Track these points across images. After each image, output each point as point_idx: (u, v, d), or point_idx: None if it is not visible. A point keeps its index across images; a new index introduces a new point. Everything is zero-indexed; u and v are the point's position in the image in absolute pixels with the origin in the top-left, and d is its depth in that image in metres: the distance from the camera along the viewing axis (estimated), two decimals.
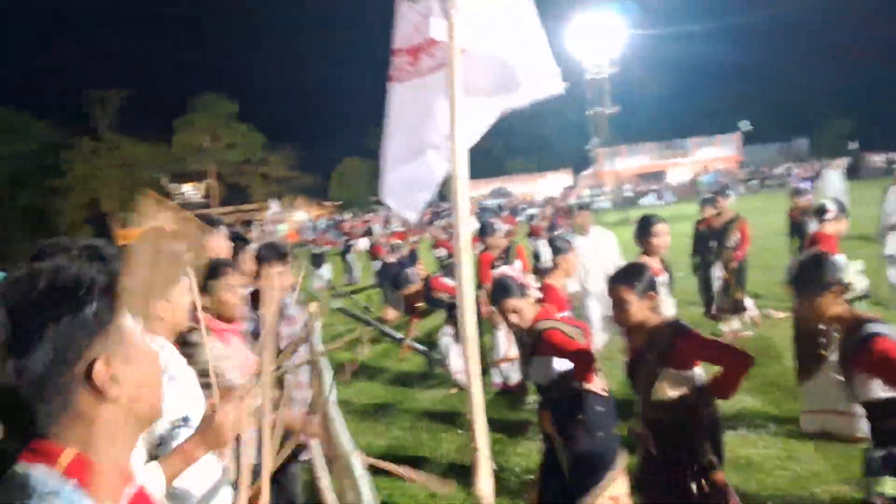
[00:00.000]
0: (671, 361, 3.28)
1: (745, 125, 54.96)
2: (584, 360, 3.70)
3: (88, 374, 1.07)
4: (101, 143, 59.62)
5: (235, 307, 3.42)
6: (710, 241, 8.76)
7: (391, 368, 9.33)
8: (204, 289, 3.30)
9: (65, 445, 1.06)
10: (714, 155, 58.33)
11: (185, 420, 2.44)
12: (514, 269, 4.23)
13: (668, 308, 5.03)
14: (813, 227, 7.32)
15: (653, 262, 4.91)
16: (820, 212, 6.85)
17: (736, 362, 3.19)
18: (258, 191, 66.83)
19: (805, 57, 70.71)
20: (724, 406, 4.36)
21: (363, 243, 20.80)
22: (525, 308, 3.79)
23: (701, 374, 3.36)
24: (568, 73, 37.56)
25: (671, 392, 3.28)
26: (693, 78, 68.81)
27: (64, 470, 1.04)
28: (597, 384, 3.78)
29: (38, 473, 1.04)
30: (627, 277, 3.43)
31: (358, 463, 2.57)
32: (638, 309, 3.37)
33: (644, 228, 5.28)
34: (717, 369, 3.26)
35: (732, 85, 70.73)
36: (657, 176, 56.29)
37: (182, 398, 2.49)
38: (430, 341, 9.16)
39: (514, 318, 3.82)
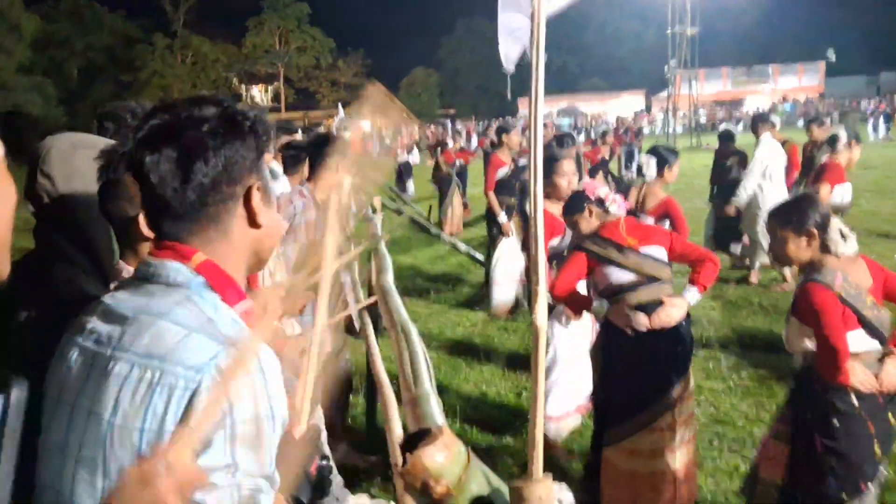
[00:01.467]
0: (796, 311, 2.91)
1: (830, 54, 52.37)
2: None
3: (247, 197, 1.18)
4: (174, 39, 60.25)
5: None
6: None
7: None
8: None
9: (198, 251, 1.17)
10: (795, 84, 56.02)
11: None
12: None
13: None
14: (823, 158, 7.28)
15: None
16: (832, 141, 6.98)
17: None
18: (326, 97, 67.05)
19: None
20: None
21: (413, 157, 21.06)
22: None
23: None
24: None
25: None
26: (778, 2, 65.49)
27: (196, 267, 1.15)
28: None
29: (172, 265, 1.14)
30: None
31: (414, 331, 2.73)
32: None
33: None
34: None
35: (819, 11, 67.15)
36: (734, 104, 54.46)
37: None
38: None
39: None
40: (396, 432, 2.18)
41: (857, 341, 2.79)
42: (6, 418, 1.16)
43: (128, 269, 1.62)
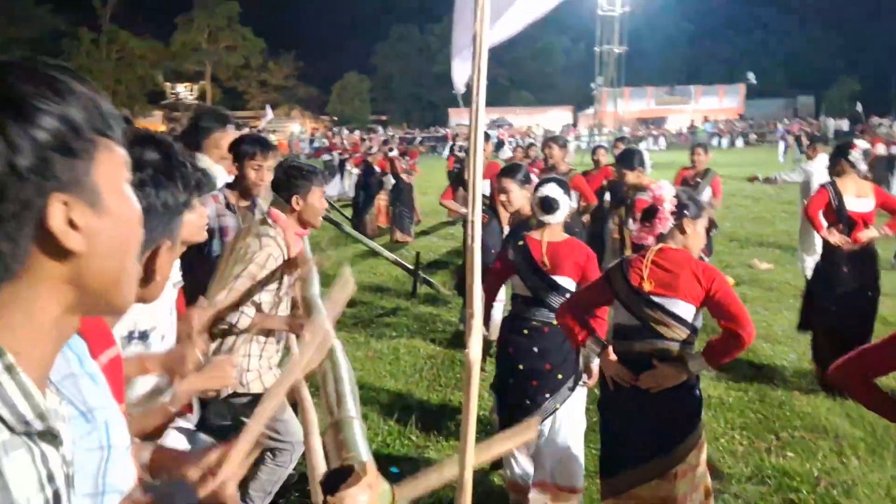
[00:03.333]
0: None
1: (750, 77, 54.37)
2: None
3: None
4: (100, 34, 58.41)
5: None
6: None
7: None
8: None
9: None
10: (716, 105, 58.00)
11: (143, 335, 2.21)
12: None
13: None
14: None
15: None
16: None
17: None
18: (255, 98, 65.91)
19: (816, 13, 69.52)
20: None
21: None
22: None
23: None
24: (579, 9, 36.94)
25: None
26: (703, 25, 67.61)
27: None
28: None
29: None
30: None
31: (339, 347, 2.64)
32: None
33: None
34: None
35: (740, 36, 69.64)
36: (657, 121, 55.99)
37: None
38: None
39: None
40: (316, 465, 2.11)
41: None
42: None
43: None
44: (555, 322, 3.62)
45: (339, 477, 1.22)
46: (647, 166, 6.28)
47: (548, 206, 3.75)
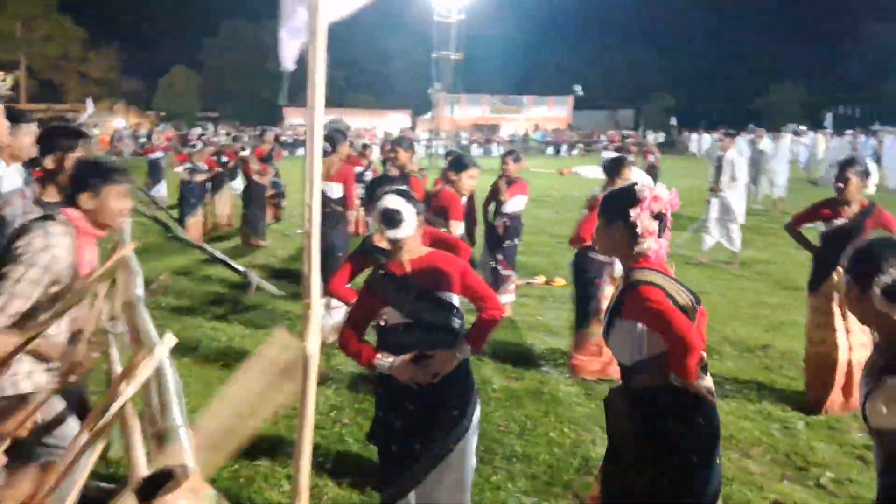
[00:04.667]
0: None
1: (577, 90, 57.24)
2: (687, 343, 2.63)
3: None
4: None
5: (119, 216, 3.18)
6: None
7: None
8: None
9: None
10: (546, 115, 60.61)
11: None
12: None
13: None
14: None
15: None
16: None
17: None
18: (74, 90, 61.73)
19: (637, 33, 74.40)
20: None
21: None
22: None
23: None
24: (418, 13, 37.35)
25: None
26: (535, 37, 70.48)
27: None
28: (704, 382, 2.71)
29: None
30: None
31: (165, 353, 2.47)
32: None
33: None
34: None
35: (570, 50, 73.22)
36: (492, 128, 57.73)
37: None
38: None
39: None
40: (137, 473, 1.96)
41: None
42: None
43: None
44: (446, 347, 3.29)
45: (158, 482, 1.12)
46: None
47: (390, 219, 3.25)
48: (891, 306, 2.25)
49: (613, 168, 6.07)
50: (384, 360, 3.25)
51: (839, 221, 5.42)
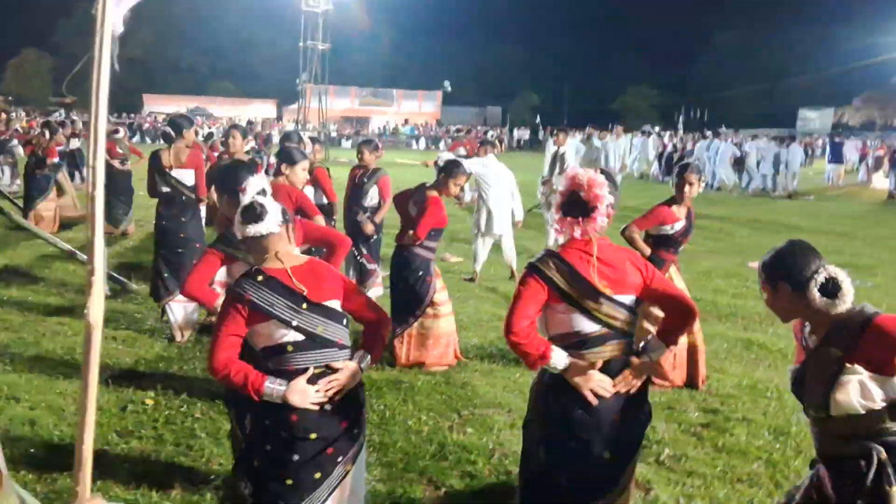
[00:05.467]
0: (861, 358, 2.51)
1: (446, 85, 57.90)
2: None
3: None
4: None
5: None
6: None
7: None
8: None
9: None
10: (416, 109, 60.94)
11: None
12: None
13: None
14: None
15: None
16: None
17: None
18: None
19: (505, 31, 75.98)
20: None
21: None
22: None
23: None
24: (285, 2, 36.57)
25: (857, 406, 2.52)
26: (405, 32, 70.62)
27: None
28: None
29: None
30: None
31: None
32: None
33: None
34: None
35: (439, 46, 73.88)
36: (361, 121, 57.47)
37: None
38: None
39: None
40: None
41: None
42: None
43: None
44: (340, 361, 2.95)
45: None
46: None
47: (251, 212, 2.90)
48: (829, 302, 2.53)
49: (447, 169, 6.13)
50: (276, 387, 2.81)
51: (677, 224, 5.62)
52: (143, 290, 8.01)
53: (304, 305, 2.85)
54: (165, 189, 6.77)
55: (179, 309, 6.64)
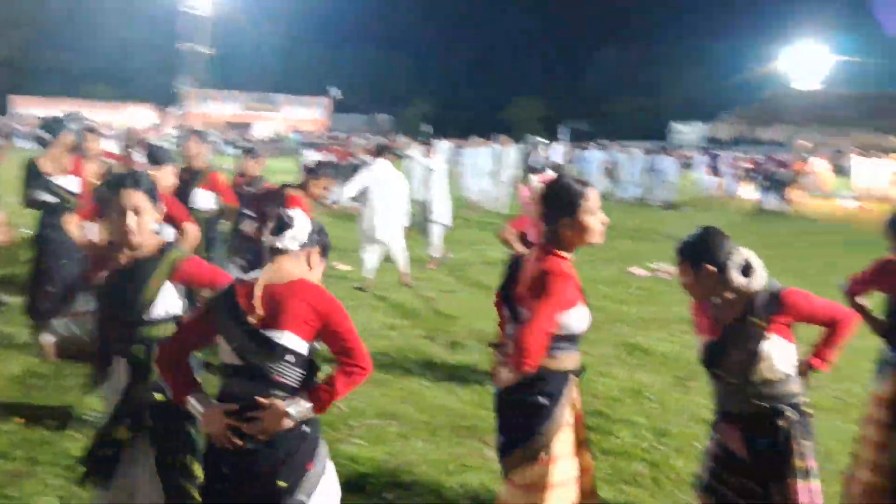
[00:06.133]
0: (774, 329, 2.91)
1: (335, 92, 57.49)
2: None
3: None
4: None
5: None
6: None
7: None
8: None
9: None
10: (304, 116, 60.14)
11: None
12: None
13: None
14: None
15: None
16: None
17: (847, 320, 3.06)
18: None
19: (395, 39, 76.21)
20: None
21: None
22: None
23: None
24: (164, 3, 35.45)
25: (771, 372, 2.92)
26: (293, 37, 69.73)
27: None
28: None
29: None
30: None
31: None
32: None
33: None
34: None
35: (328, 51, 73.38)
36: (246, 126, 56.17)
37: None
38: None
39: None
40: None
41: None
42: None
43: None
44: (280, 399, 2.57)
45: None
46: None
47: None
48: (746, 281, 2.90)
49: (312, 170, 6.09)
50: (197, 403, 2.65)
51: None
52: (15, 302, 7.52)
53: (244, 328, 2.57)
54: (47, 198, 6.32)
55: (61, 325, 6.23)
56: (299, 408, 2.56)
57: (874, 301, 3.86)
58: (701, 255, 2.93)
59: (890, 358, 3.69)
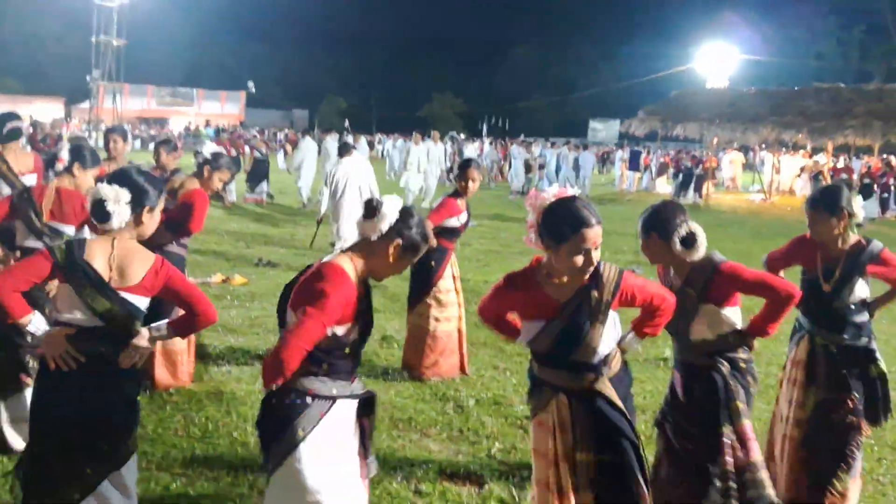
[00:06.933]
0: (711, 297, 3.28)
1: (250, 86, 56.47)
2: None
3: None
4: None
5: None
6: None
7: None
8: None
9: None
10: (218, 111, 58.80)
11: None
12: None
13: None
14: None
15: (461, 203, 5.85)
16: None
17: (782, 294, 3.29)
18: None
19: (313, 34, 75.26)
20: None
21: None
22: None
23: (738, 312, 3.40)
24: None
25: (709, 332, 3.33)
26: (207, 30, 68.04)
27: None
28: None
29: None
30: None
31: None
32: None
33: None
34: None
35: (243, 45, 71.93)
36: (160, 121, 54.53)
37: None
38: None
39: None
40: None
41: None
42: None
43: None
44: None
45: None
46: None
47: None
48: (687, 251, 3.19)
49: (210, 161, 5.79)
50: (37, 324, 2.84)
51: (462, 216, 5.90)
52: None
53: (99, 290, 2.82)
54: None
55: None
56: (161, 331, 2.99)
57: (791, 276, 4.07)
58: (652, 224, 3.26)
59: (804, 323, 3.97)
